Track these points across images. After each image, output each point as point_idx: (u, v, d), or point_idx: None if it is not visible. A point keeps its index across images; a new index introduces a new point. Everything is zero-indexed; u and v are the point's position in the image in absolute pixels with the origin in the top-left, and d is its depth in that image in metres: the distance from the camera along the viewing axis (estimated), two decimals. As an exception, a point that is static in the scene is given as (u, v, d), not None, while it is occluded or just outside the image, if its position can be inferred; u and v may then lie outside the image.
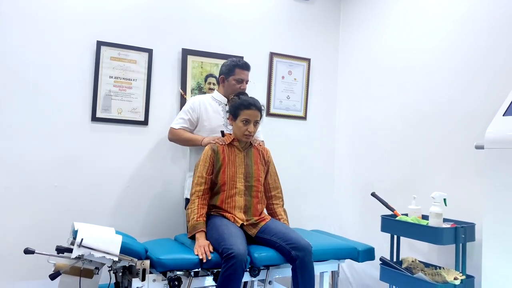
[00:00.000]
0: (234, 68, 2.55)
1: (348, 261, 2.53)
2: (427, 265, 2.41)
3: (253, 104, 2.25)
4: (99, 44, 2.64)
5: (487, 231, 1.81)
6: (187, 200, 2.45)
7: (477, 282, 2.22)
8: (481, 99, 2.36)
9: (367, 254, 2.45)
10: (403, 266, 2.39)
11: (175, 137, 2.58)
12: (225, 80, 2.59)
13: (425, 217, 2.42)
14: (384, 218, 2.47)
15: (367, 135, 3.14)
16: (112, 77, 2.68)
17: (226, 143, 2.32)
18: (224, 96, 2.61)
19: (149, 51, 2.77)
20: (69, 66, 2.59)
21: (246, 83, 2.60)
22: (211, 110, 2.57)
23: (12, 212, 2.44)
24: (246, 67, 2.58)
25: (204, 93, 2.92)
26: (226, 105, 2.59)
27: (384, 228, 2.47)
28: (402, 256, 2.52)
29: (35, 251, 1.86)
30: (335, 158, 3.43)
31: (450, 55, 2.55)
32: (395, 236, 2.51)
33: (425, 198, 2.40)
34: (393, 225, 2.43)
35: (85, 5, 2.62)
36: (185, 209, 2.52)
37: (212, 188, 2.29)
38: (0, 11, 2.42)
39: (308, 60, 3.31)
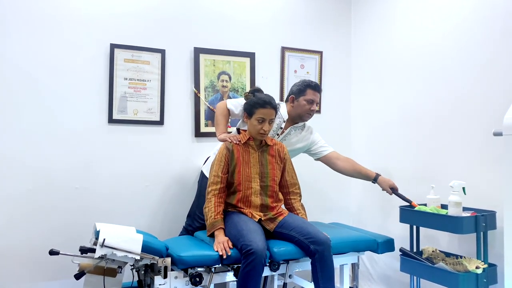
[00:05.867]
0: (306, 89, 2.53)
1: (368, 253, 2.53)
2: (447, 254, 2.39)
3: (268, 103, 2.24)
4: (113, 46, 2.67)
5: (508, 219, 1.79)
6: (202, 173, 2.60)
7: (499, 270, 2.19)
8: (498, 85, 2.31)
9: (386, 245, 2.44)
10: (423, 256, 2.38)
11: (218, 111, 2.53)
12: (294, 100, 2.56)
13: (444, 206, 2.40)
14: (403, 209, 2.45)
15: (383, 125, 3.12)
16: (126, 78, 2.72)
17: (242, 142, 2.32)
18: (289, 115, 2.57)
19: (162, 52, 2.79)
20: (85, 70, 2.63)
21: (317, 105, 2.58)
22: None
23: (35, 214, 2.51)
24: (318, 88, 2.57)
25: (218, 90, 2.94)
26: (284, 122, 2.57)
27: (403, 219, 2.45)
28: (422, 246, 2.51)
29: (60, 252, 1.91)
30: (352, 149, 3.41)
31: (466, 41, 2.50)
32: (414, 227, 2.50)
33: (444, 187, 2.37)
34: (412, 215, 2.41)
35: (97, 9, 2.66)
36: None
37: (229, 187, 2.30)
38: (15, 17, 2.48)
39: (320, 52, 3.29)
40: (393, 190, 2.56)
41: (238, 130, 2.43)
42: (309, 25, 3.27)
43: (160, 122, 2.81)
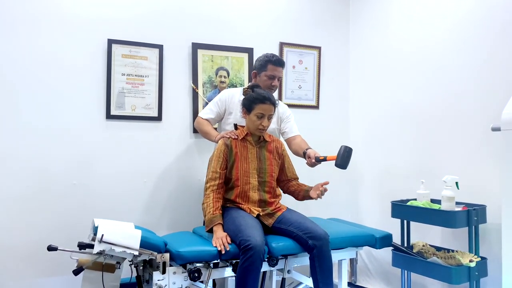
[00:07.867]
0: (266, 64, 2.51)
1: (366, 248, 2.53)
2: (438, 249, 2.41)
3: (268, 98, 2.24)
4: (110, 42, 2.66)
5: (506, 213, 1.79)
6: None
7: (489, 264, 2.23)
8: (496, 80, 2.32)
9: (385, 240, 2.45)
10: (414, 250, 2.39)
11: (198, 126, 2.59)
12: (257, 76, 2.55)
13: (434, 201, 2.42)
14: (395, 204, 2.46)
15: (382, 121, 3.12)
16: (124, 74, 2.71)
17: (240, 137, 2.32)
18: None
19: (160, 47, 2.78)
20: (82, 65, 2.62)
21: (278, 80, 2.55)
22: (239, 104, 2.55)
23: (34, 211, 2.50)
24: (279, 63, 2.52)
25: (216, 86, 2.93)
26: None
27: (395, 214, 2.47)
28: (412, 241, 2.52)
29: (58, 248, 1.91)
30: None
31: (464, 36, 2.50)
32: (405, 221, 2.51)
33: (443, 183, 2.38)
34: (404, 210, 2.42)
35: (94, 5, 2.64)
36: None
37: (227, 183, 2.30)
38: (12, 13, 2.46)
39: (319, 48, 3.28)
40: (312, 161, 2.31)
41: (235, 126, 2.43)
42: (307, 20, 3.26)
43: (158, 118, 2.80)
